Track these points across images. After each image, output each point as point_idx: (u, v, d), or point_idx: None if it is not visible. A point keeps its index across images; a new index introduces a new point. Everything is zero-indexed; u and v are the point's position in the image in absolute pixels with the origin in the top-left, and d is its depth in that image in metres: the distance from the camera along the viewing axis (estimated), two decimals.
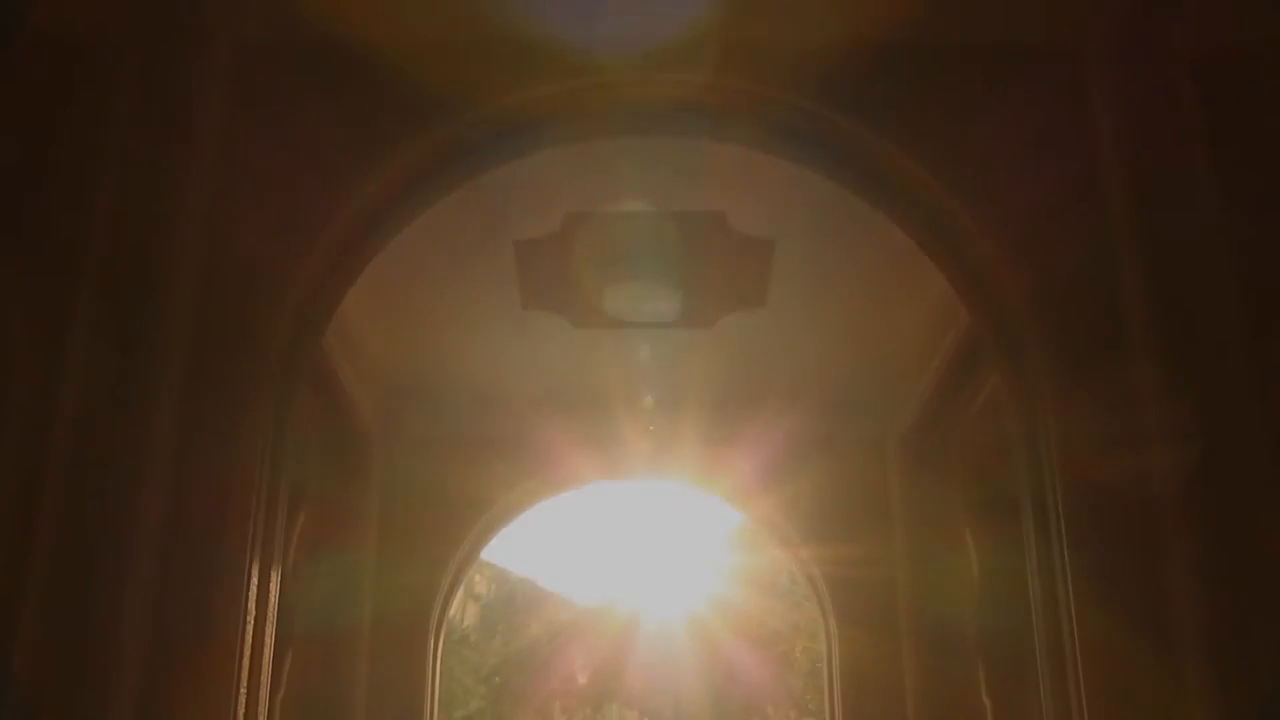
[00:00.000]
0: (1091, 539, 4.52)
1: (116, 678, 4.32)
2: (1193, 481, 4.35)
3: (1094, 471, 4.60)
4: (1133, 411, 4.56)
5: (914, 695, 8.35)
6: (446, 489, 8.87)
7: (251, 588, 4.58)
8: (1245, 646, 4.19)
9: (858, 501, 8.94)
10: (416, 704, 8.61)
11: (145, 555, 4.44)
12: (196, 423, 4.61)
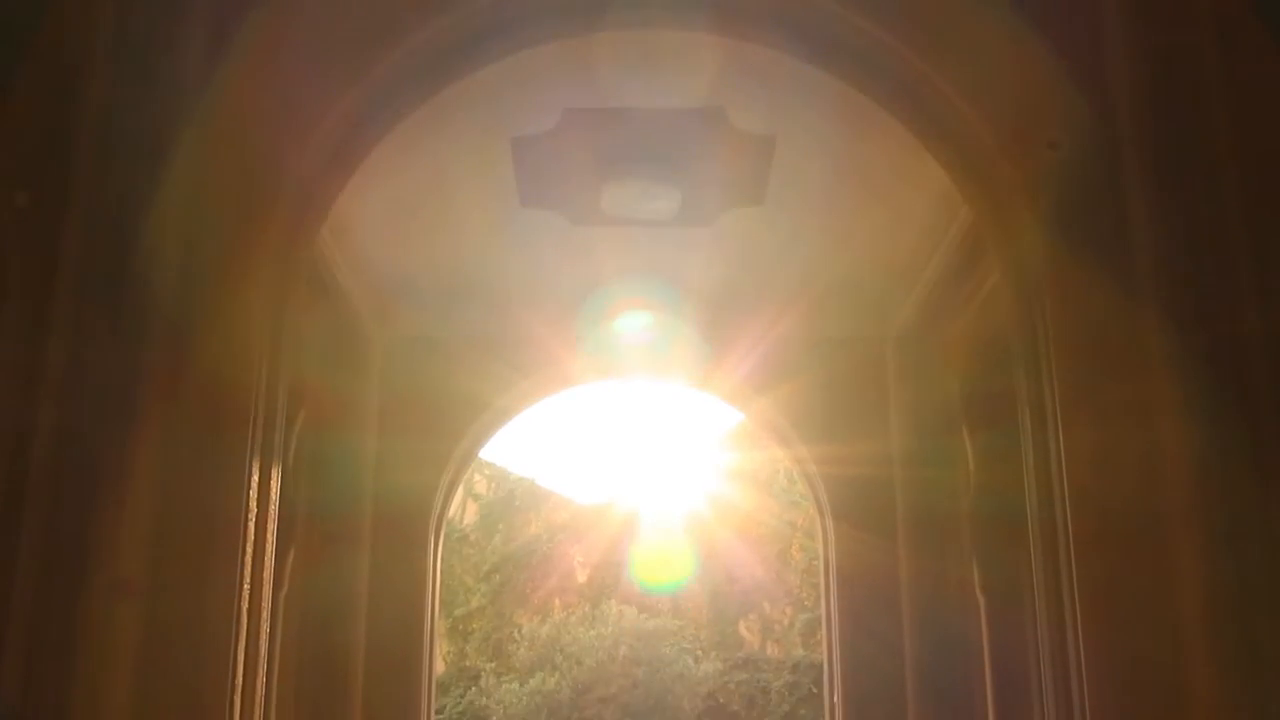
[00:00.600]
0: (1088, 432, 4.53)
1: (118, 575, 4.35)
2: (1193, 373, 4.35)
3: (1092, 365, 4.60)
4: (1133, 305, 4.55)
5: (909, 592, 8.46)
6: (445, 388, 8.89)
7: (252, 485, 4.59)
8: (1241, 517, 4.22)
9: (855, 401, 8.97)
10: (417, 601, 8.72)
11: (144, 454, 4.45)
12: (192, 320, 4.59)
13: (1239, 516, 4.26)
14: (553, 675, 28.77)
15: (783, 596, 30.75)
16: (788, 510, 29.99)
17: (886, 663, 8.43)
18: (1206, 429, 4.31)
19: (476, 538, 33.31)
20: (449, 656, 32.17)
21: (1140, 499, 4.41)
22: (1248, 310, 4.37)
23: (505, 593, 32.67)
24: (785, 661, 30.13)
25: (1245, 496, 4.26)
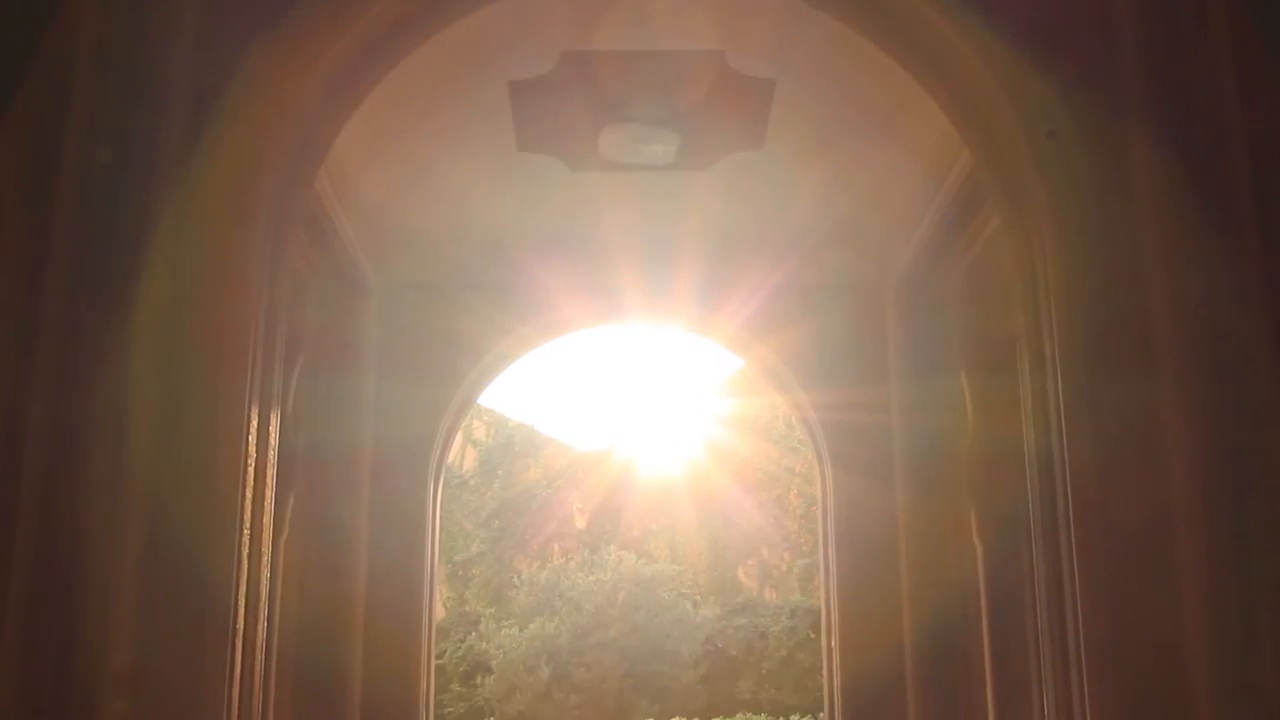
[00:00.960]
0: (1087, 378, 4.53)
1: (117, 524, 4.36)
2: (1194, 315, 4.34)
3: (1092, 311, 4.59)
4: (1134, 250, 4.53)
5: (906, 538, 8.49)
6: (443, 334, 8.88)
7: (251, 431, 4.59)
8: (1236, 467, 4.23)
9: (855, 346, 8.96)
10: (417, 547, 8.75)
11: (142, 400, 4.44)
12: (188, 262, 4.57)
13: (1239, 455, 4.27)
14: (552, 620, 28.96)
15: (781, 542, 30.91)
16: (786, 456, 30.09)
17: (884, 607, 8.47)
18: (1207, 371, 4.31)
19: (476, 484, 33.44)
20: (449, 602, 32.39)
21: (1138, 441, 4.41)
22: (1250, 251, 4.35)
23: (504, 539, 32.85)
24: (783, 606, 30.33)
25: (1245, 432, 4.27)
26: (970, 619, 8.36)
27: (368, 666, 8.24)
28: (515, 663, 28.50)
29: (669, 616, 29.42)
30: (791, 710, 25.63)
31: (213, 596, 4.37)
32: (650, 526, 32.39)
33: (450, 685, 29.93)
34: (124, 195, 4.48)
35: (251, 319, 4.67)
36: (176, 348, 4.50)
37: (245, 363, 4.58)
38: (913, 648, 8.28)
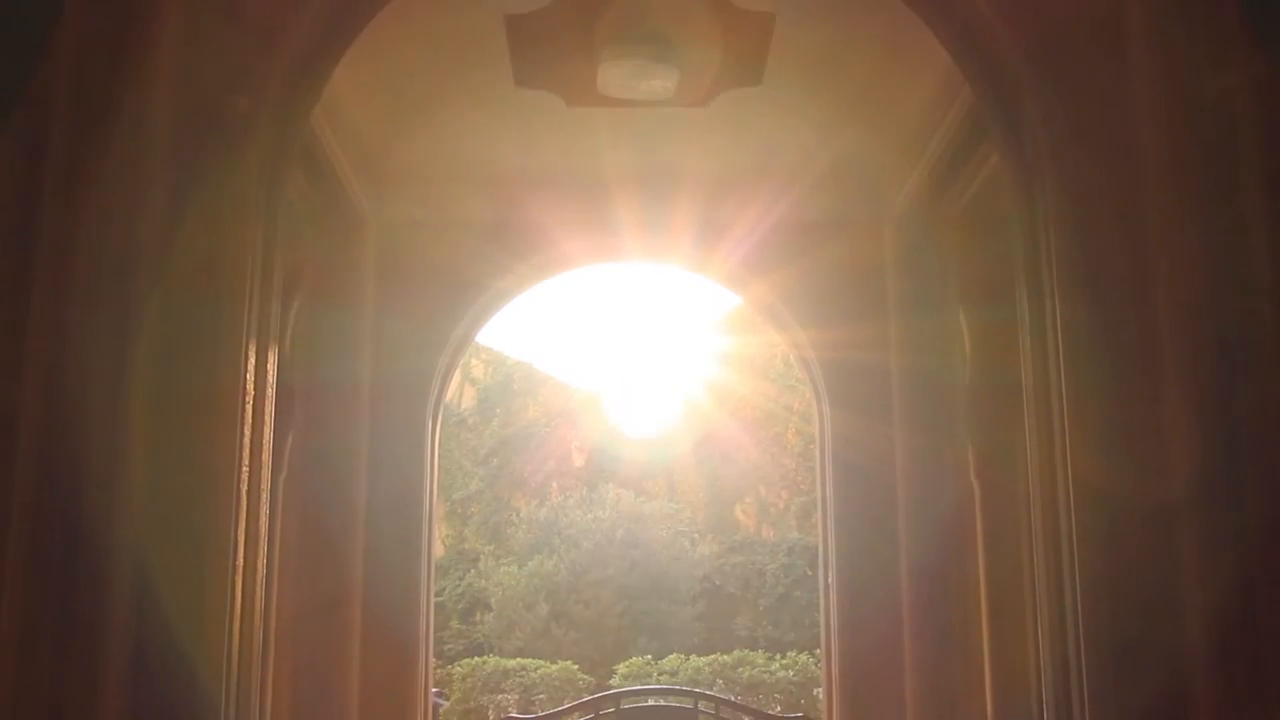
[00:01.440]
0: (1086, 311, 4.52)
1: (115, 463, 4.36)
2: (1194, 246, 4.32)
3: (1091, 245, 4.57)
4: (1135, 187, 4.50)
5: (904, 477, 8.51)
6: (441, 271, 8.85)
7: (249, 368, 4.58)
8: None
9: (853, 284, 8.94)
10: (416, 485, 8.77)
11: (138, 336, 4.43)
12: (184, 199, 4.54)
13: (1236, 389, 4.27)
14: (550, 558, 29.16)
15: (778, 480, 31.04)
16: (784, 394, 30.14)
17: (881, 546, 8.51)
18: (1206, 300, 4.30)
19: (474, 422, 33.51)
20: (448, 539, 32.58)
21: (1137, 373, 4.41)
22: (1252, 185, 4.32)
23: (503, 476, 32.98)
24: (780, 544, 30.52)
25: (1245, 361, 4.27)
26: (967, 556, 8.40)
27: (367, 603, 8.29)
28: (514, 600, 28.72)
29: (667, 554, 29.63)
30: (788, 647, 25.84)
31: (212, 535, 4.38)
32: (648, 464, 32.50)
33: (450, 622, 30.19)
34: (117, 130, 4.44)
35: (248, 254, 4.65)
36: (172, 284, 4.48)
37: (242, 298, 4.56)
38: (910, 585, 8.33)
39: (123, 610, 4.28)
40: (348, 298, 8.48)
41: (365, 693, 8.11)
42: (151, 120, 4.51)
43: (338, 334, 8.39)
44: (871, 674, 8.37)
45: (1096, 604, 4.31)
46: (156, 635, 4.31)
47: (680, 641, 27.53)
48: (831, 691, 8.76)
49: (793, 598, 29.31)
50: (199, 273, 4.52)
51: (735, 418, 30.86)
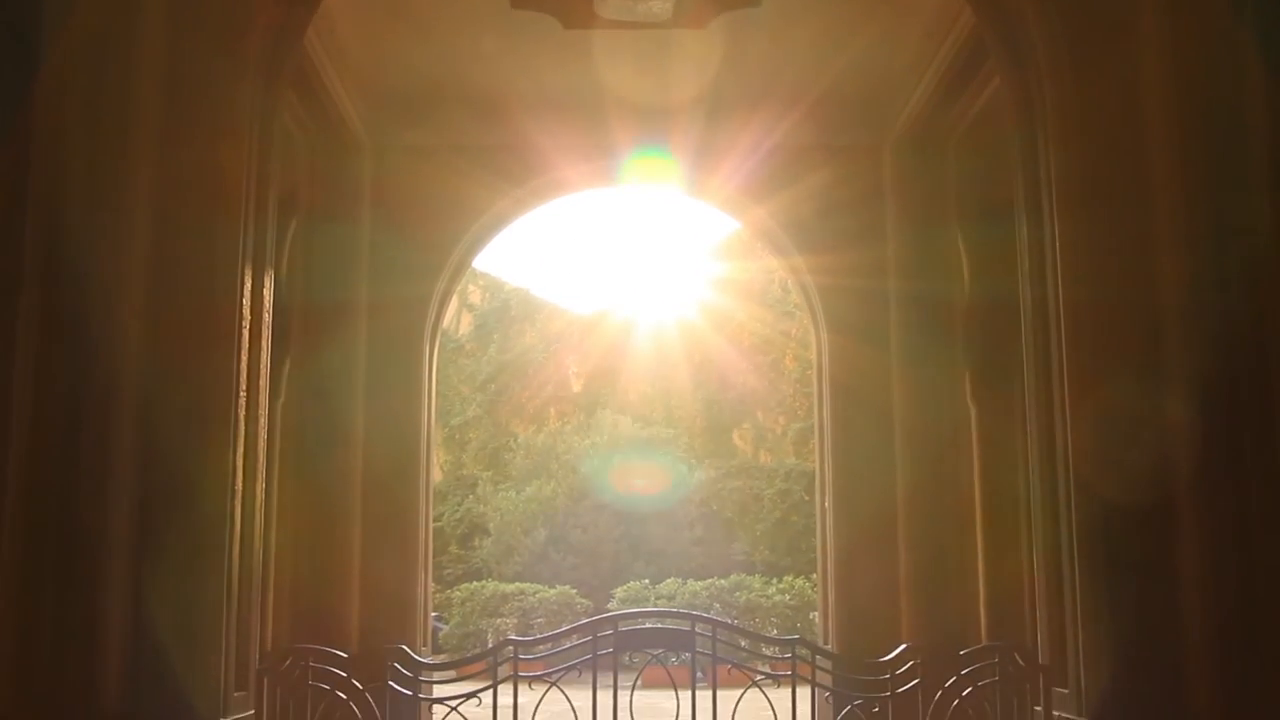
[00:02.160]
0: (1085, 231, 4.51)
1: (114, 389, 4.36)
2: (1194, 162, 4.31)
3: (1090, 163, 4.55)
4: (1135, 109, 4.48)
5: (900, 401, 8.52)
6: (438, 196, 8.80)
7: (245, 292, 4.58)
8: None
9: (851, 209, 8.89)
10: (414, 411, 8.78)
11: (135, 264, 4.42)
12: (177, 124, 4.50)
13: (1224, 313, 4.28)
14: (549, 483, 29.27)
15: (776, 406, 31.11)
16: (781, 320, 30.12)
17: (877, 469, 8.54)
18: (1206, 216, 4.29)
19: (472, 348, 33.51)
20: (446, 465, 32.71)
21: (1135, 288, 4.41)
22: (1254, 95, 4.30)
23: (501, 402, 33.03)
24: (777, 469, 30.64)
25: (1239, 267, 4.27)
26: (963, 479, 8.44)
27: (366, 530, 8.34)
28: (512, 525, 28.88)
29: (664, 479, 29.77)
30: (785, 571, 26.02)
31: (211, 460, 4.40)
32: (646, 390, 32.55)
33: (448, 547, 30.39)
34: (111, 56, 4.39)
35: (242, 180, 4.62)
36: (167, 210, 4.46)
37: (237, 224, 4.55)
38: (906, 508, 8.38)
39: (123, 535, 4.31)
40: (344, 223, 8.44)
41: (365, 617, 8.18)
42: (144, 38, 4.47)
43: (334, 259, 8.36)
44: (867, 596, 8.44)
45: (1091, 522, 4.34)
46: (157, 559, 4.34)
47: (677, 566, 27.71)
48: (827, 614, 8.84)
49: (789, 523, 29.47)
50: (194, 198, 4.50)
51: (733, 344, 30.86)
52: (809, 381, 14.05)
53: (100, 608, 4.27)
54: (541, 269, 44.77)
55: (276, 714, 4.58)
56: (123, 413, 4.36)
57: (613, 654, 4.91)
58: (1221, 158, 4.29)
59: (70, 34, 4.35)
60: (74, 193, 4.35)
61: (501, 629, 22.90)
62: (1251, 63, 4.31)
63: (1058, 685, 4.51)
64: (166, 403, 4.42)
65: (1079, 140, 4.59)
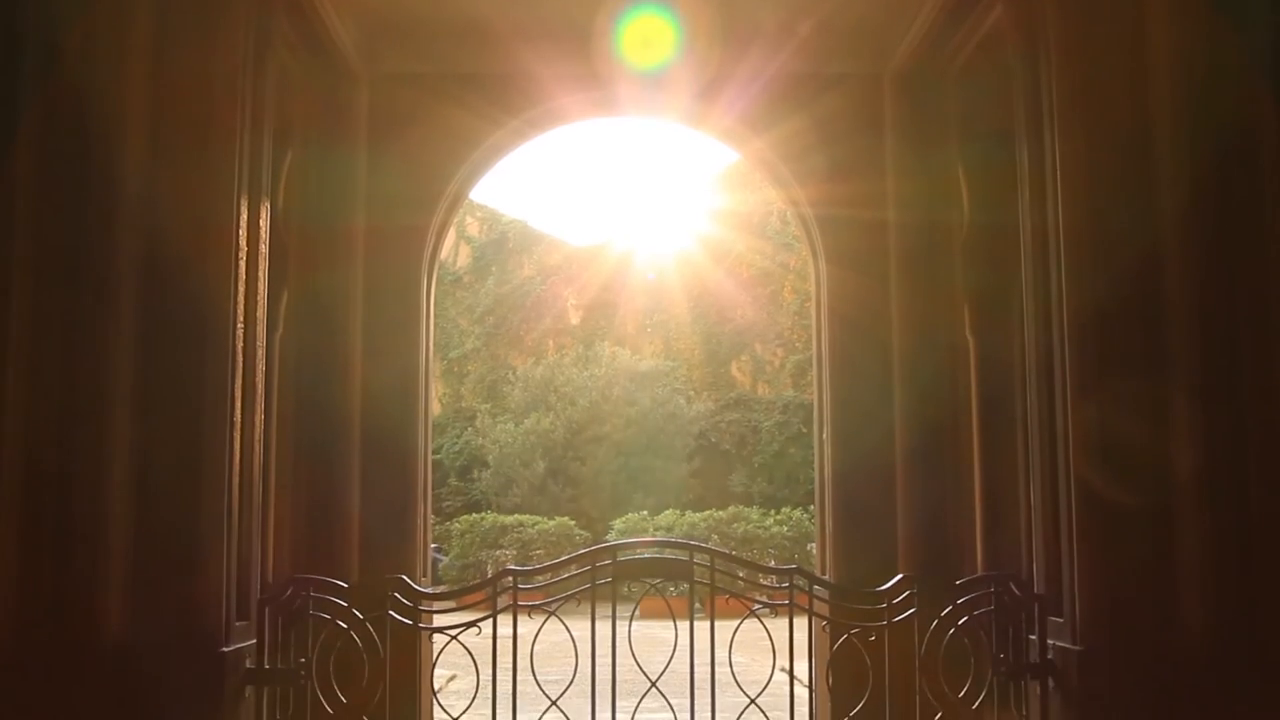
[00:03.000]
0: (1085, 156, 4.48)
1: (112, 314, 4.35)
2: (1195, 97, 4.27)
3: (1093, 90, 4.51)
4: (1138, 36, 4.43)
5: (900, 334, 8.51)
6: (433, 126, 8.72)
7: (241, 223, 4.55)
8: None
9: (852, 140, 8.82)
10: (412, 343, 8.76)
11: (129, 195, 4.39)
12: (170, 55, 4.46)
13: (1224, 235, 4.27)
14: (547, 415, 29.39)
15: (774, 338, 31.16)
16: (780, 252, 30.09)
17: (876, 401, 8.54)
18: (1208, 140, 4.27)
19: (470, 280, 33.50)
20: (445, 398, 32.81)
21: (1136, 211, 4.40)
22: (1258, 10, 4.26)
23: (499, 335, 33.08)
24: (775, 402, 30.77)
25: (1239, 175, 4.26)
26: (961, 412, 8.45)
27: (365, 462, 8.35)
28: (511, 457, 29.04)
29: (663, 411, 29.88)
30: (782, 503, 26.21)
31: (209, 391, 4.40)
32: (644, 322, 32.57)
33: (448, 480, 30.58)
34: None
35: (237, 111, 4.58)
36: (162, 141, 4.42)
37: (232, 155, 4.52)
38: (904, 441, 8.39)
39: (123, 468, 4.32)
40: (340, 154, 8.37)
41: (365, 549, 8.22)
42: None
43: (331, 191, 8.30)
44: (865, 527, 8.47)
45: (1088, 452, 4.36)
46: (157, 491, 4.35)
47: (676, 498, 27.91)
48: (825, 544, 8.88)
49: (787, 455, 29.65)
50: (189, 129, 4.46)
51: (731, 276, 30.85)
52: (807, 314, 14.05)
53: (101, 541, 4.29)
54: (540, 201, 44.67)
55: (278, 643, 4.61)
56: (120, 346, 4.35)
57: (611, 583, 4.94)
58: (1224, 79, 4.25)
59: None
60: (64, 128, 4.32)
61: (501, 560, 23.11)
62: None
63: (1052, 614, 4.54)
64: (164, 336, 4.41)
65: (1081, 65, 4.55)
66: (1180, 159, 4.33)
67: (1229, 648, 4.22)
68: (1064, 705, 4.40)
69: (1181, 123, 4.33)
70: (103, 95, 4.35)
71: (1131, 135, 4.42)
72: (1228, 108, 4.27)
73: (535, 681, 4.94)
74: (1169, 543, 4.27)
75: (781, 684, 6.05)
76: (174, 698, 4.25)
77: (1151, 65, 4.41)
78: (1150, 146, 4.38)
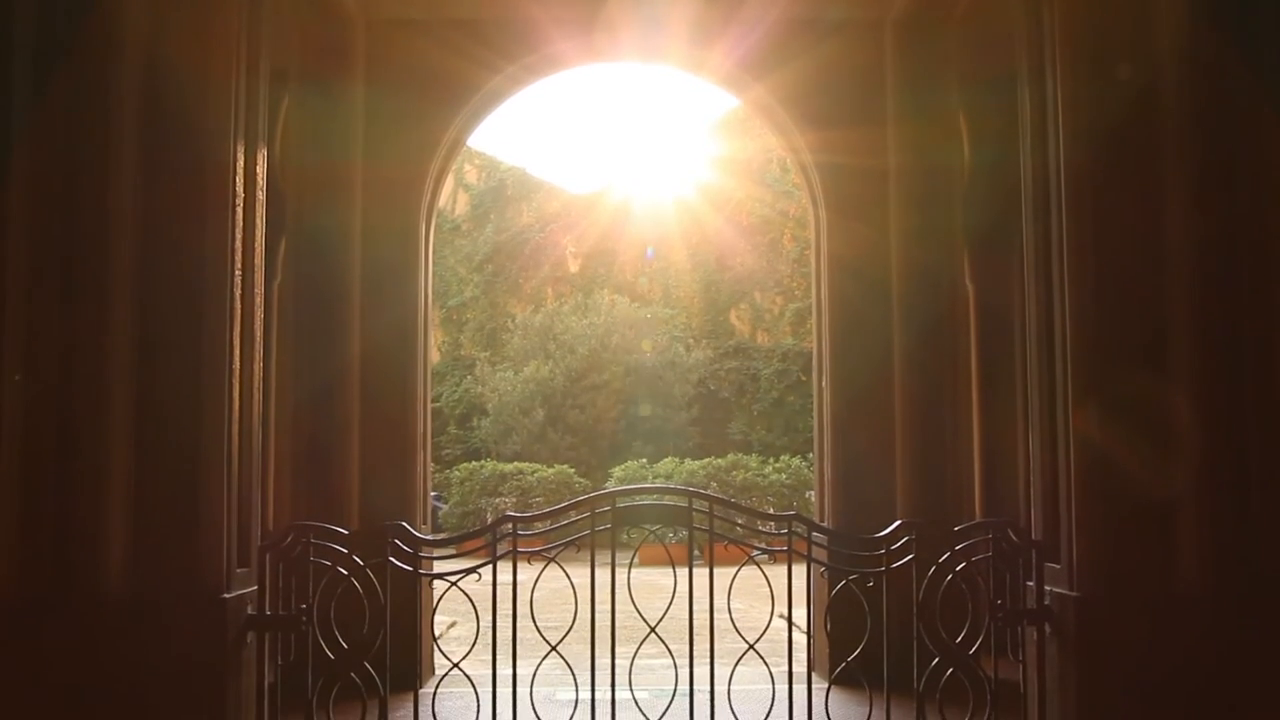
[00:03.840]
0: (1087, 95, 4.45)
1: (110, 255, 4.33)
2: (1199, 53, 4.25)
3: (1097, 36, 4.48)
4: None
5: (899, 281, 8.49)
6: (430, 72, 8.66)
7: (238, 170, 4.52)
8: None
9: (852, 86, 8.76)
10: (411, 292, 8.75)
11: (125, 139, 4.36)
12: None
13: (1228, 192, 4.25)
14: (546, 363, 29.40)
15: (773, 286, 31.11)
16: (780, 200, 29.98)
17: (875, 349, 8.54)
18: (1211, 79, 4.25)
19: (468, 228, 33.40)
20: (444, 346, 32.82)
21: (1137, 157, 4.38)
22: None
23: (498, 283, 33.03)
24: (775, 350, 30.79)
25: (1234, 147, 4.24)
26: (961, 359, 8.47)
27: (365, 410, 8.36)
28: (510, 405, 29.09)
29: (662, 359, 29.90)
30: (781, 450, 26.28)
31: (208, 340, 4.39)
32: (643, 270, 32.52)
33: (447, 428, 30.65)
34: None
35: (232, 55, 4.54)
36: (156, 85, 4.39)
37: (228, 100, 4.47)
38: (903, 388, 8.40)
39: (123, 416, 4.32)
40: (337, 100, 8.32)
41: (365, 497, 8.25)
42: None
43: (328, 137, 8.26)
44: (863, 475, 8.50)
45: (1087, 397, 4.36)
46: (157, 439, 4.36)
47: (675, 446, 27.98)
48: (824, 492, 8.92)
49: (786, 403, 29.72)
50: (182, 63, 4.42)
51: (731, 223, 30.76)
52: (807, 261, 14.01)
53: (103, 490, 4.30)
54: (538, 148, 44.46)
55: (279, 590, 4.63)
56: (118, 298, 4.34)
57: (610, 530, 4.96)
58: (1229, 21, 4.23)
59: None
60: (57, 48, 4.29)
61: (500, 508, 23.18)
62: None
63: (1050, 561, 4.56)
64: (161, 284, 4.39)
65: (1085, 8, 4.51)
66: (1184, 102, 4.30)
67: (1226, 594, 4.24)
68: (1060, 651, 4.43)
69: (1186, 66, 4.29)
70: (97, 40, 4.31)
71: (1135, 79, 4.39)
72: (1234, 52, 4.24)
73: (535, 628, 4.97)
74: (1167, 490, 4.28)
75: (780, 630, 6.08)
76: (177, 644, 4.27)
77: (1156, 8, 4.37)
78: (1155, 90, 4.35)
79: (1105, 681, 4.30)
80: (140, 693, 4.22)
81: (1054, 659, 4.49)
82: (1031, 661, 4.61)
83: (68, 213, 4.30)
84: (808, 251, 11.69)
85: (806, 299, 26.24)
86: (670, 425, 29.39)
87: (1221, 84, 4.27)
